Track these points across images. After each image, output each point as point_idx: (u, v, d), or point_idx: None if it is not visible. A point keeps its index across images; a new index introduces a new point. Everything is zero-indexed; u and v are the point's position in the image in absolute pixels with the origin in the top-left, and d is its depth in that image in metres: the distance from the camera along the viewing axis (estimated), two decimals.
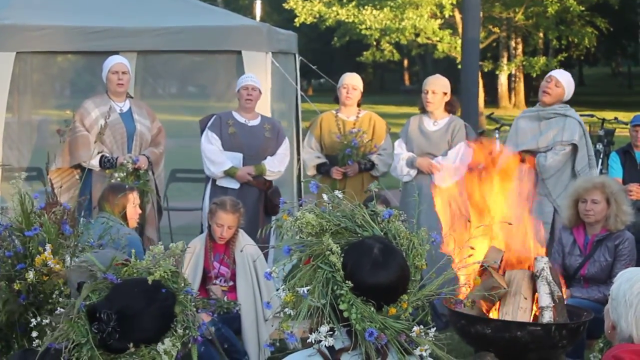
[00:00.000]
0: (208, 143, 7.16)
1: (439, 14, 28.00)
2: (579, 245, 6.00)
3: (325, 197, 3.01)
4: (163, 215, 7.67)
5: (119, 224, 5.55)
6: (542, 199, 6.90)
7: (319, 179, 7.51)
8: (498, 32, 30.96)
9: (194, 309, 3.24)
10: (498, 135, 14.01)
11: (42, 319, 3.60)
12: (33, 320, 3.66)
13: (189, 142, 9.05)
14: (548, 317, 4.63)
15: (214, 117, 7.26)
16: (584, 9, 29.19)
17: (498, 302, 4.74)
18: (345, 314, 2.76)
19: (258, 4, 30.46)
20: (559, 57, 30.73)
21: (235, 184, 7.12)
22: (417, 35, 28.27)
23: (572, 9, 28.33)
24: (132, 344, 3.04)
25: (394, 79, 50.82)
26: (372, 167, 7.50)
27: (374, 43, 30.36)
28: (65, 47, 8.10)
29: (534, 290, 4.75)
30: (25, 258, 4.03)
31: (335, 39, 33.17)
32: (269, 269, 2.95)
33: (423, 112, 7.33)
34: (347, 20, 28.54)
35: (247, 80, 7.25)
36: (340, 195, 3.02)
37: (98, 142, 6.78)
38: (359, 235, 2.93)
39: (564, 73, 7.18)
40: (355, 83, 7.61)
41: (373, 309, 2.78)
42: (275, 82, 8.48)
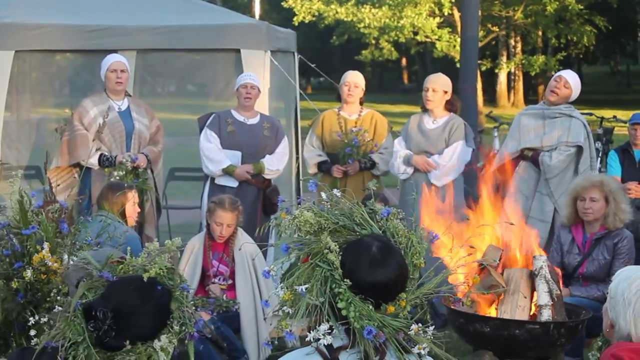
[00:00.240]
0: (207, 141, 7.15)
1: (438, 12, 28.00)
2: (578, 244, 6.00)
3: (324, 195, 3.01)
4: (162, 214, 7.67)
5: (118, 222, 5.56)
6: (543, 198, 6.90)
7: (320, 177, 7.52)
8: (497, 30, 30.95)
9: (191, 305, 3.24)
10: (497, 134, 14.01)
11: (40, 318, 3.60)
12: (31, 319, 3.65)
13: (188, 140, 9.06)
14: (547, 315, 4.63)
15: (213, 115, 7.26)
16: (583, 8, 29.19)
17: (497, 300, 4.74)
18: (344, 312, 2.76)
19: (257, 3, 30.38)
20: (558, 55, 30.74)
21: (234, 183, 7.11)
22: (415, 34, 28.27)
23: (571, 8, 28.33)
24: (128, 342, 3.04)
25: (393, 78, 50.80)
26: (372, 165, 7.50)
27: (373, 41, 30.36)
28: (64, 45, 8.10)
29: (533, 289, 4.75)
30: (23, 256, 4.03)
31: (334, 38, 33.19)
32: (268, 268, 2.94)
33: (424, 110, 7.33)
34: (345, 19, 28.57)
35: (246, 79, 7.24)
36: (339, 194, 3.02)
37: (96, 140, 6.78)
38: (358, 234, 2.93)
39: (573, 74, 7.14)
40: (357, 81, 7.60)
41: (371, 307, 2.78)
42: (274, 80, 8.47)
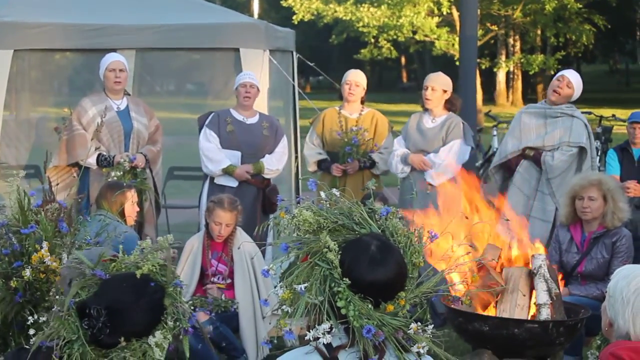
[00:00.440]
0: (206, 141, 7.14)
1: (437, 11, 28.00)
2: (576, 243, 6.00)
3: (323, 194, 3.01)
4: (161, 213, 7.66)
5: (117, 222, 5.56)
6: (544, 198, 6.90)
7: (320, 176, 7.51)
8: (496, 29, 30.94)
9: (184, 301, 3.25)
10: (496, 133, 14.02)
11: (39, 317, 3.60)
12: (30, 318, 3.65)
13: (187, 139, 9.06)
14: (545, 314, 4.63)
15: (212, 114, 7.25)
16: (582, 6, 29.19)
17: (496, 299, 4.74)
18: (343, 311, 2.76)
19: (256, 2, 30.40)
20: (557, 54, 30.73)
21: (234, 182, 7.11)
22: (414, 33, 28.26)
23: (570, 6, 28.33)
24: (123, 338, 3.05)
25: (392, 77, 50.79)
26: (372, 165, 7.49)
27: (372, 40, 30.34)
28: (63, 44, 8.09)
29: (532, 288, 4.75)
30: (22, 256, 4.03)
31: (333, 37, 33.18)
32: (267, 267, 2.95)
33: (425, 109, 7.32)
34: (344, 18, 28.56)
35: (245, 78, 7.24)
36: (338, 193, 3.02)
37: (95, 140, 6.77)
38: (357, 233, 2.93)
39: (575, 74, 7.15)
40: (359, 80, 7.58)
41: (371, 306, 2.77)
42: (273, 79, 8.47)
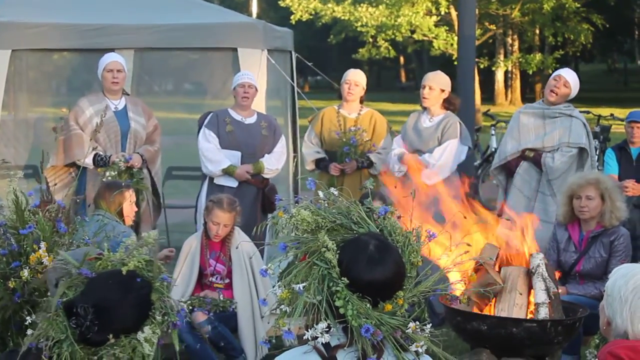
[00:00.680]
0: (205, 141, 7.14)
1: (435, 11, 28.00)
2: (574, 242, 6.00)
3: (321, 194, 3.01)
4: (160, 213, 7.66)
5: (115, 222, 5.56)
6: (546, 199, 6.88)
7: (317, 175, 7.50)
8: (494, 28, 30.95)
9: (170, 295, 3.26)
10: (494, 132, 14.02)
11: (37, 317, 3.59)
12: (28, 318, 3.65)
13: (185, 139, 9.04)
14: (544, 313, 4.63)
15: (211, 114, 7.25)
16: (580, 6, 29.20)
17: (494, 298, 4.74)
18: (341, 311, 2.76)
19: (254, 1, 30.41)
20: (555, 53, 30.72)
21: (234, 182, 7.10)
22: (413, 32, 28.26)
23: (568, 6, 28.34)
24: (111, 335, 3.05)
25: (390, 76, 50.83)
26: (370, 165, 7.49)
27: (370, 40, 30.35)
28: (61, 44, 8.08)
29: (530, 287, 4.75)
30: (20, 256, 4.03)
31: (331, 36, 33.20)
32: (265, 266, 2.95)
33: (424, 108, 7.30)
34: (343, 17, 28.56)
35: (243, 78, 7.23)
36: (336, 193, 3.02)
37: (92, 140, 6.77)
38: (355, 232, 2.93)
39: (572, 73, 7.11)
40: (358, 79, 7.56)
41: (369, 306, 2.78)
42: (271, 79, 8.46)
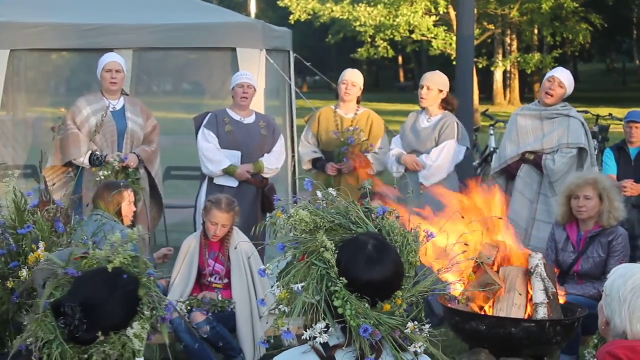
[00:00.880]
0: (205, 141, 7.13)
1: (434, 11, 28.00)
2: (572, 242, 6.00)
3: (320, 194, 3.01)
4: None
5: (114, 222, 5.55)
6: (548, 201, 6.86)
7: (314, 175, 7.50)
8: (493, 28, 30.96)
9: (158, 290, 3.26)
10: (493, 132, 14.02)
11: (26, 319, 3.59)
12: (27, 319, 3.65)
13: (184, 139, 9.03)
14: (542, 313, 4.63)
15: (210, 115, 7.24)
16: (579, 6, 29.22)
17: (492, 298, 4.74)
18: (340, 311, 2.76)
19: (253, 1, 30.39)
20: (554, 53, 30.75)
21: (234, 182, 7.10)
22: (411, 32, 28.26)
23: (566, 6, 28.36)
24: (101, 333, 3.05)
25: (389, 76, 50.82)
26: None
27: (369, 40, 30.35)
28: (60, 44, 8.08)
29: (529, 287, 4.75)
30: (19, 256, 4.03)
31: (330, 36, 33.21)
32: (264, 267, 2.94)
33: (422, 108, 7.29)
34: (341, 17, 28.57)
35: (242, 78, 7.22)
36: (335, 193, 3.02)
37: (91, 141, 6.78)
38: (353, 232, 2.93)
39: (565, 72, 7.06)
40: (355, 80, 7.55)
41: (368, 306, 2.78)
42: (270, 79, 8.47)
